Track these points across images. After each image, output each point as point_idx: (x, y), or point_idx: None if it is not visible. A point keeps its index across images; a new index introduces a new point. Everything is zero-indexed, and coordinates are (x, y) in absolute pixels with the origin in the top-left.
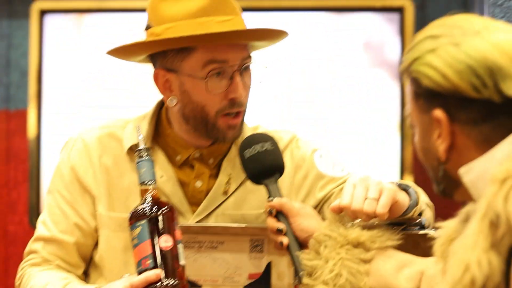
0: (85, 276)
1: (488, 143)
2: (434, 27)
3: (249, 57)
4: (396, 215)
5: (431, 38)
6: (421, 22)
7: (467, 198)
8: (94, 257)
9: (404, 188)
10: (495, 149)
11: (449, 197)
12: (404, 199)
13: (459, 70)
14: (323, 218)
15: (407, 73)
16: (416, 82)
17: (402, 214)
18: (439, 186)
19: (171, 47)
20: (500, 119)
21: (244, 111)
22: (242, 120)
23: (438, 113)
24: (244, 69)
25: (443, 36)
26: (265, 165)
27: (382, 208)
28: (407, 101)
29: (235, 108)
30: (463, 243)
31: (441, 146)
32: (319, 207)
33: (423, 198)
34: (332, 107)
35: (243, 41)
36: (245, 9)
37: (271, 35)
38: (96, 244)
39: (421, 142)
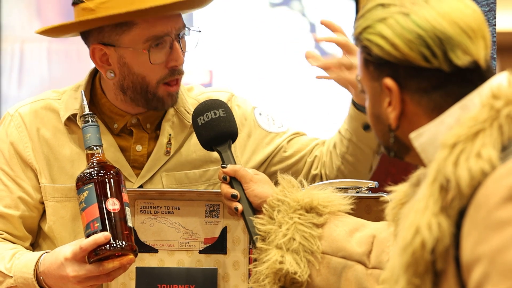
0: (36, 247)
1: (438, 110)
2: None
3: (184, 25)
4: None
5: (381, 6)
6: None
7: (418, 162)
8: (43, 228)
9: None
10: (445, 115)
11: (400, 159)
12: None
13: (409, 40)
14: (272, 173)
15: (358, 41)
16: (366, 50)
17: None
18: (390, 152)
19: (110, 23)
20: (450, 87)
21: (181, 78)
22: (179, 87)
23: (389, 81)
24: (180, 37)
25: (393, 5)
26: (218, 131)
27: None
28: (358, 67)
29: (175, 76)
30: (414, 206)
31: (392, 113)
32: (267, 162)
33: None
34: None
35: (180, 11)
36: None
37: (201, 1)
38: (44, 215)
39: (372, 109)
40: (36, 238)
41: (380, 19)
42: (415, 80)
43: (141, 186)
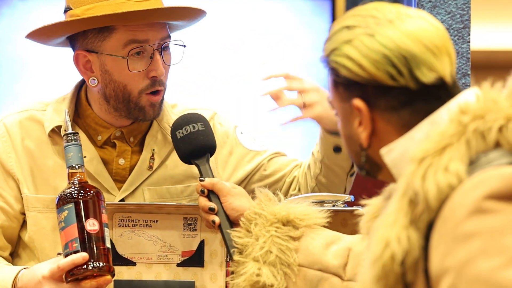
0: (16, 257)
1: (407, 127)
2: (350, 17)
3: (169, 36)
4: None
5: (347, 28)
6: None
7: (390, 180)
8: (23, 238)
9: None
10: (415, 130)
11: (374, 178)
12: None
13: (375, 60)
14: (252, 190)
15: (326, 63)
16: (335, 72)
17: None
18: (362, 170)
19: (91, 27)
20: (418, 104)
21: (164, 89)
22: (163, 99)
23: (358, 102)
24: (163, 49)
25: (358, 27)
26: (196, 145)
27: None
28: (328, 89)
29: (156, 87)
30: (384, 220)
31: (362, 133)
32: (248, 179)
33: None
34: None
35: (162, 20)
36: None
37: (189, 14)
38: (24, 226)
39: (344, 130)
40: (16, 248)
41: (346, 41)
42: (384, 98)
43: (122, 200)
